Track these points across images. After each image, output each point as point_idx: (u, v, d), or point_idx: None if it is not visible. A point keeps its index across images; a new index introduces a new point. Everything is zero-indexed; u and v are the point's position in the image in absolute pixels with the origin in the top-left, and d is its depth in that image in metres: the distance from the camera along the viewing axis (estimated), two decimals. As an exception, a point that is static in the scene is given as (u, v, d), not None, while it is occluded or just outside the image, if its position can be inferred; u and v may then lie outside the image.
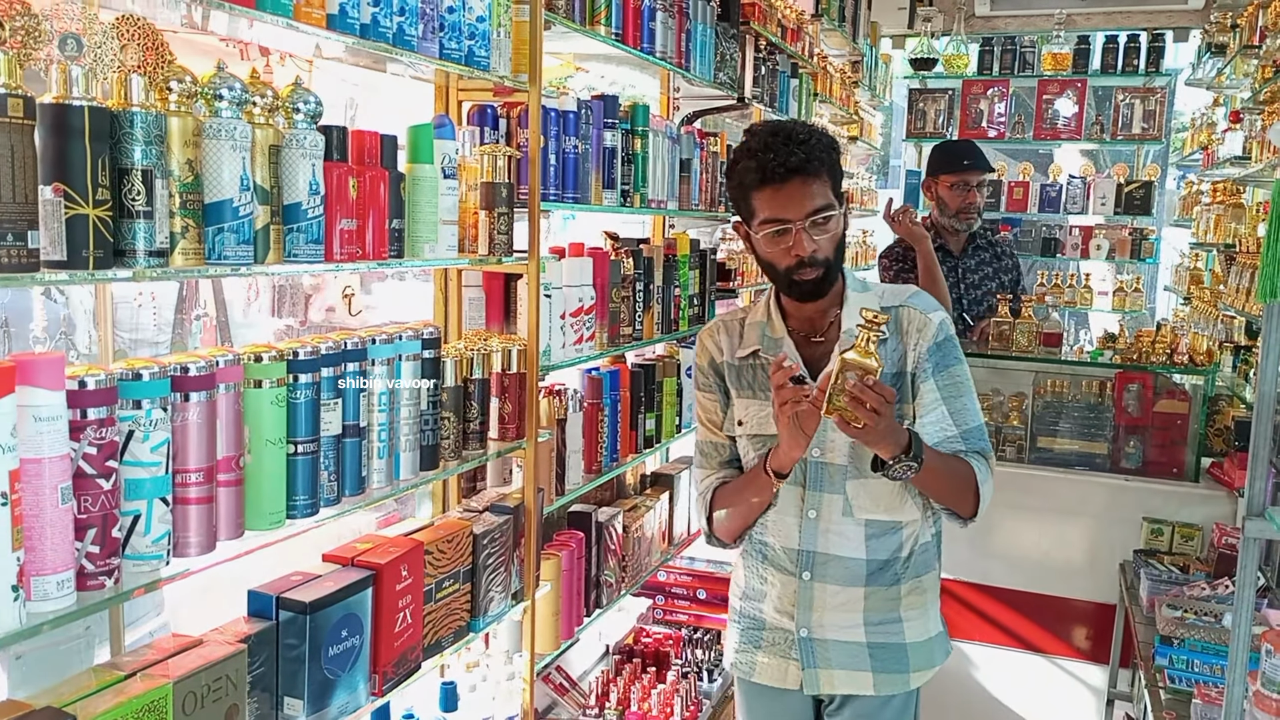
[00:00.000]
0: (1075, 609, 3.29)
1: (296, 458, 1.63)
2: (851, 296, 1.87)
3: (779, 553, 1.93)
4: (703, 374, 1.99)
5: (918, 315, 1.86)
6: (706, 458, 2.00)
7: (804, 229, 1.73)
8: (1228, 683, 1.86)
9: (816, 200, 1.74)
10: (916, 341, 1.84)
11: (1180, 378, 3.34)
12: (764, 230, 1.77)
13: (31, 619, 1.23)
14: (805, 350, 1.89)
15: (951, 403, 1.85)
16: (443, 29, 1.92)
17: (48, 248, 1.22)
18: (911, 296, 1.90)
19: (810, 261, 1.76)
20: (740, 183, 1.79)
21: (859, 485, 1.85)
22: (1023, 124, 6.10)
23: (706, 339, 2.00)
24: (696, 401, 2.00)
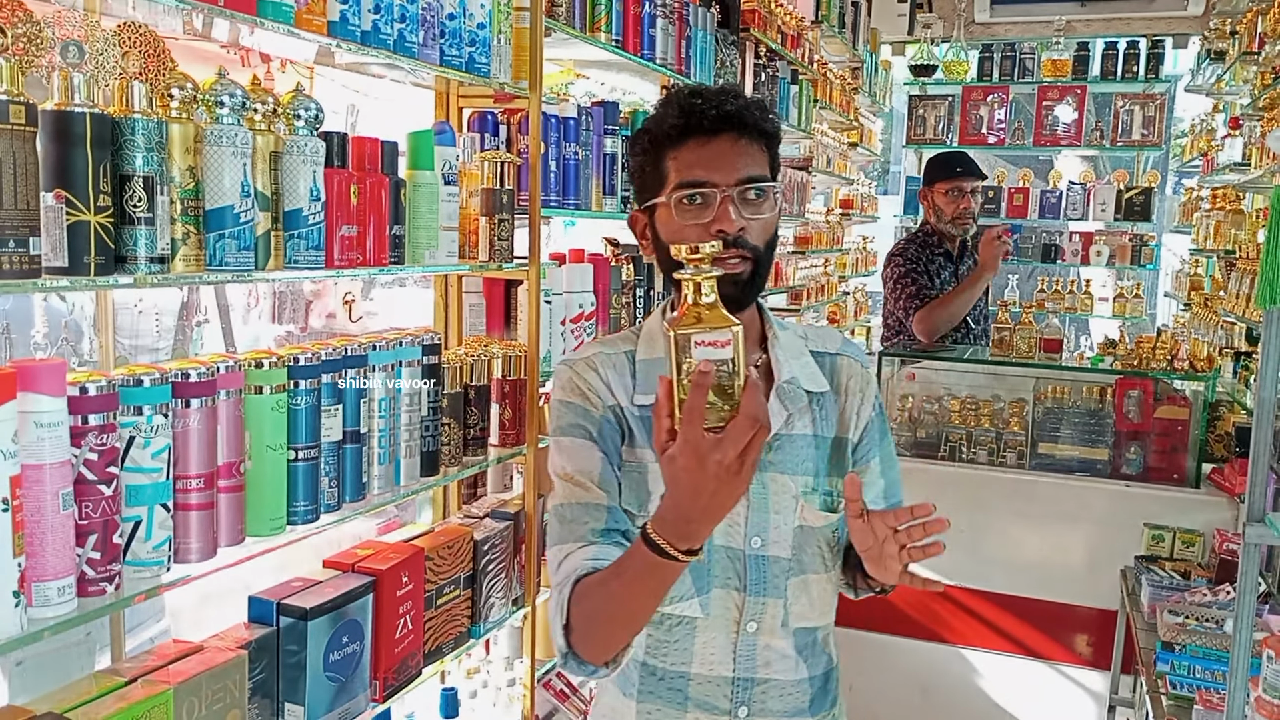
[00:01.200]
0: (1076, 615, 3.29)
1: (297, 464, 1.63)
2: (782, 336, 1.42)
3: (707, 686, 1.36)
4: (576, 415, 1.35)
5: (859, 370, 1.46)
6: (572, 525, 1.29)
7: (732, 198, 1.29)
8: (1229, 689, 1.86)
9: (750, 167, 1.31)
10: (860, 403, 1.44)
11: (1181, 384, 3.34)
12: (679, 195, 1.31)
13: (33, 625, 1.23)
14: None
15: (888, 475, 1.49)
16: (443, 36, 1.93)
17: (49, 254, 1.23)
18: (845, 344, 1.50)
19: (737, 242, 1.29)
20: (652, 140, 1.35)
21: (800, 584, 1.38)
22: (1022, 130, 6.11)
23: (586, 374, 1.38)
24: (553, 451, 1.36)
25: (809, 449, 1.38)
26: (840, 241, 6.48)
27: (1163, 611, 2.58)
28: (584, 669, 1.24)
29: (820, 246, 5.89)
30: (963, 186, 3.78)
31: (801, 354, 1.42)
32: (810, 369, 1.41)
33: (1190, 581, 2.84)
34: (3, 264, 1.16)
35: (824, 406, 1.41)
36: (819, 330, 1.52)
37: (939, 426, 3.54)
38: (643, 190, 1.38)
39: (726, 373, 0.99)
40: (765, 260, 1.34)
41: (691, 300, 1.03)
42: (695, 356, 0.99)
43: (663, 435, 1.04)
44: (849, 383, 1.45)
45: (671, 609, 1.33)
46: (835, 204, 6.74)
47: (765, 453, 1.32)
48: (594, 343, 1.44)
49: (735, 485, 1.04)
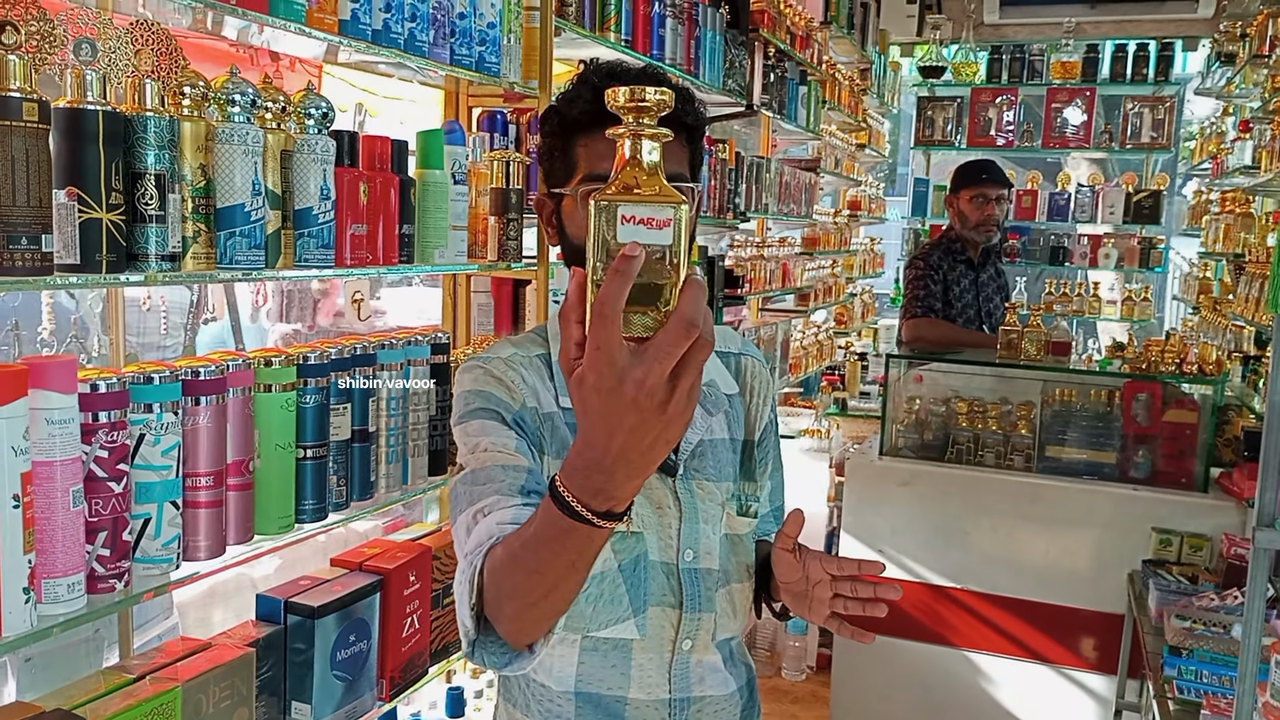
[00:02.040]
0: (1083, 619, 3.28)
1: (305, 462, 1.63)
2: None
3: (645, 711, 1.26)
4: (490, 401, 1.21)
5: (761, 370, 1.42)
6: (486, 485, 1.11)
7: None
8: (1237, 694, 1.85)
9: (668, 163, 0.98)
10: (762, 404, 1.40)
11: (1189, 387, 3.33)
12: (586, 189, 1.21)
13: (42, 621, 1.23)
14: None
15: (775, 477, 1.45)
16: (453, 35, 1.93)
17: (61, 251, 1.23)
18: (745, 343, 1.45)
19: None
20: (562, 122, 1.24)
21: (726, 595, 1.31)
22: (1031, 132, 6.09)
23: (507, 372, 1.24)
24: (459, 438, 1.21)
25: (728, 453, 1.34)
26: (848, 243, 6.47)
27: (1170, 616, 2.57)
28: (496, 659, 1.02)
29: (828, 248, 5.89)
30: (987, 194, 3.83)
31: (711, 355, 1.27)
32: (722, 371, 1.38)
33: (1198, 586, 2.83)
34: (15, 261, 1.16)
35: (734, 408, 1.37)
36: (719, 330, 1.41)
37: (946, 429, 3.53)
38: (550, 175, 1.29)
39: (661, 262, 0.71)
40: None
41: (627, 162, 0.74)
42: (621, 237, 0.71)
43: (571, 347, 0.76)
44: (753, 383, 1.40)
45: (607, 633, 1.22)
46: (843, 205, 6.73)
47: (691, 460, 1.27)
48: (503, 341, 1.32)
49: (662, 421, 0.74)
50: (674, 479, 1.27)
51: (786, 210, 4.59)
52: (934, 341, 3.76)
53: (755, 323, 4.51)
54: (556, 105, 1.26)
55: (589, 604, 1.21)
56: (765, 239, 4.55)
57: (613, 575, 1.21)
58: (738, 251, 4.16)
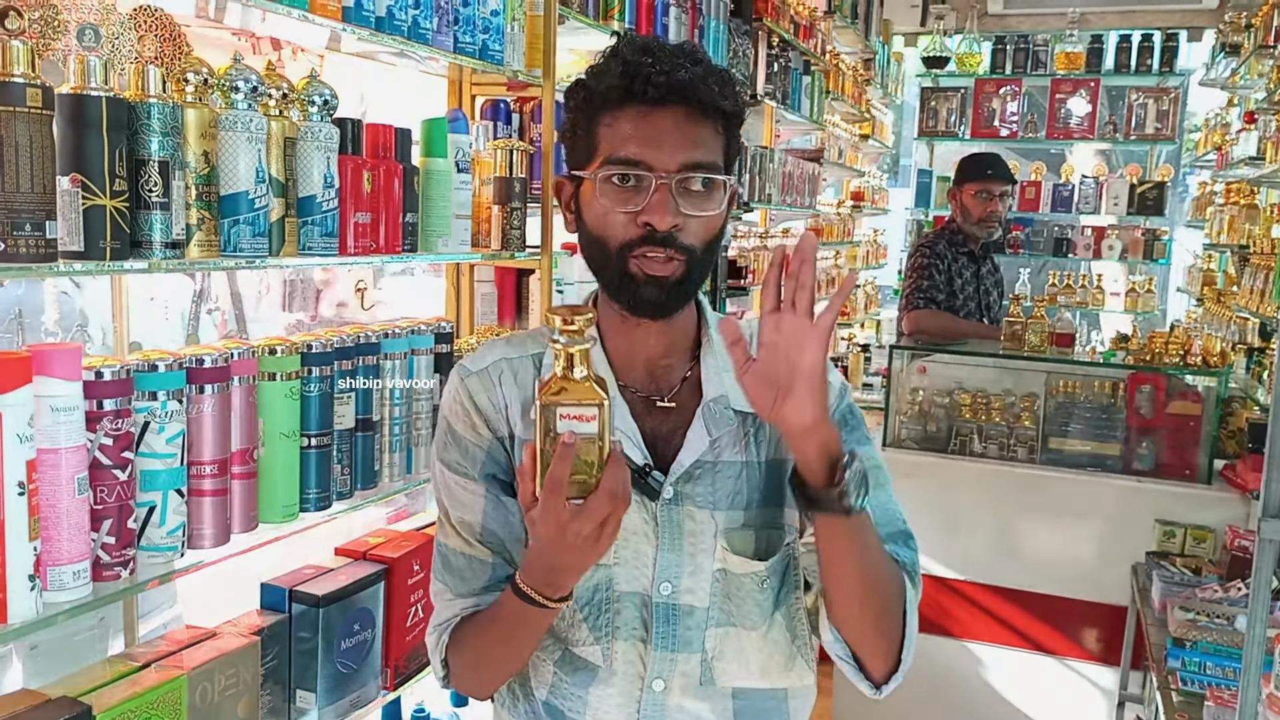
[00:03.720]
0: (1086, 610, 3.28)
1: (310, 451, 1.63)
2: (715, 340, 1.20)
3: None
4: (459, 448, 1.19)
5: None
6: (452, 572, 1.19)
7: (670, 186, 1.08)
8: (1241, 685, 1.85)
9: (698, 151, 1.09)
10: None
11: (1193, 379, 3.32)
12: (606, 174, 1.10)
13: (48, 609, 1.23)
14: (645, 420, 1.18)
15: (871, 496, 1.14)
16: (457, 22, 1.92)
17: (65, 238, 1.23)
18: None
19: (665, 239, 1.08)
20: (587, 99, 1.13)
21: (722, 637, 1.16)
22: (1035, 123, 6.08)
23: (478, 394, 1.19)
24: (435, 477, 1.22)
25: (739, 478, 1.16)
26: (851, 234, 6.46)
27: (1173, 607, 2.57)
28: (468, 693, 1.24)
29: (831, 239, 5.88)
30: (991, 189, 3.81)
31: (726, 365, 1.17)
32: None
33: (1201, 578, 2.83)
34: (20, 247, 1.15)
35: (760, 426, 1.18)
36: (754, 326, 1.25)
37: (950, 420, 3.53)
38: (571, 155, 1.17)
39: (590, 443, 0.96)
40: (702, 263, 1.12)
41: (561, 371, 0.98)
42: (559, 428, 0.96)
43: (527, 497, 0.99)
44: None
45: (578, 651, 1.17)
46: (846, 196, 6.72)
47: (682, 483, 1.14)
48: (498, 341, 1.24)
49: (594, 551, 1.00)
50: (655, 503, 1.14)
51: (790, 201, 4.58)
52: (935, 333, 3.76)
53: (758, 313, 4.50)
54: (584, 79, 1.14)
55: (558, 619, 1.17)
56: (769, 229, 4.54)
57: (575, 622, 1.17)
58: (741, 242, 4.16)
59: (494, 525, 1.18)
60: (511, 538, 1.18)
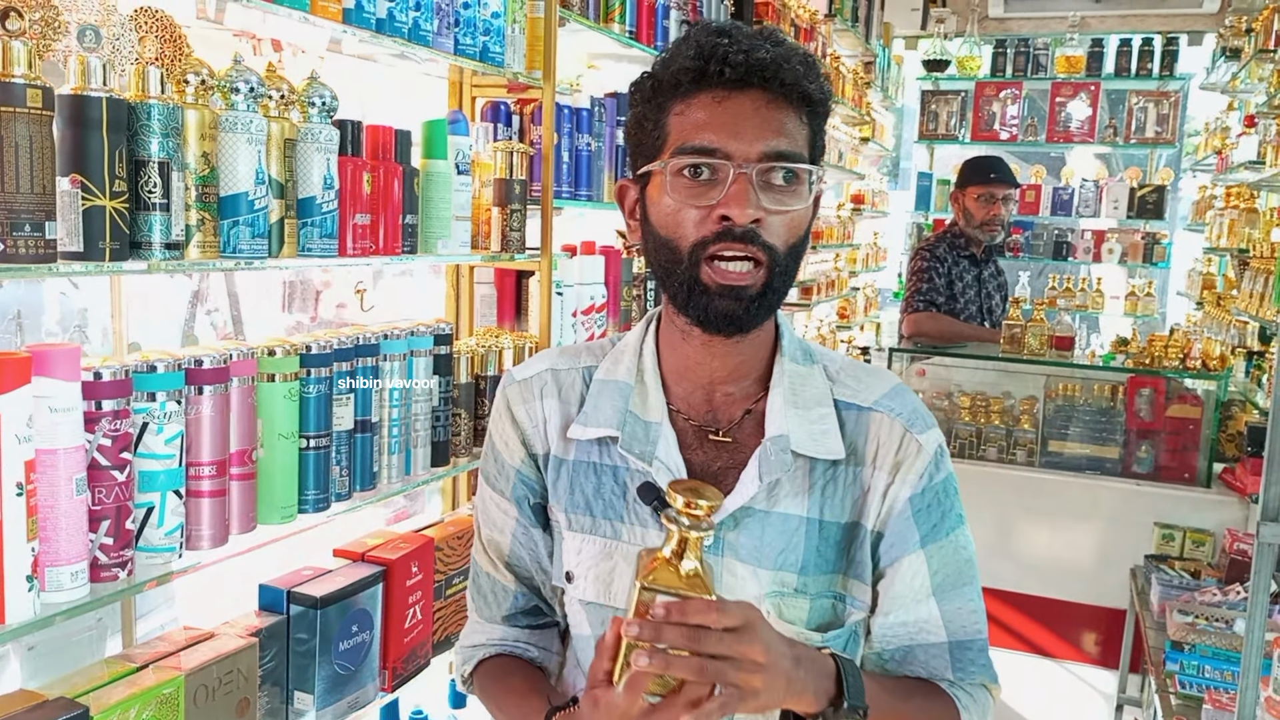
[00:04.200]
0: (1085, 614, 3.28)
1: (309, 452, 1.63)
2: (794, 373, 1.05)
3: None
4: (495, 461, 1.13)
5: (898, 433, 1.04)
6: (481, 593, 1.17)
7: (749, 177, 0.96)
8: (1240, 688, 1.85)
9: (781, 139, 0.97)
10: (891, 480, 1.04)
11: (1192, 383, 3.33)
12: (678, 164, 0.98)
13: (46, 609, 1.23)
14: (695, 453, 1.05)
15: (945, 595, 1.05)
16: (458, 24, 1.92)
17: (64, 239, 1.23)
18: (892, 395, 1.07)
19: (747, 236, 0.96)
20: (656, 87, 1.02)
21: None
22: (1035, 127, 6.08)
23: (516, 407, 1.12)
24: (478, 497, 1.17)
25: (796, 534, 1.01)
26: (851, 237, 6.47)
27: (1172, 611, 2.57)
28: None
29: (831, 241, 5.88)
30: (995, 193, 3.81)
31: (818, 402, 1.05)
32: (821, 425, 1.03)
33: (1200, 581, 2.83)
34: (19, 248, 1.15)
35: (835, 480, 1.03)
36: (861, 371, 1.10)
37: (949, 423, 3.53)
38: (637, 152, 1.05)
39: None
40: (786, 269, 0.99)
41: (670, 554, 0.85)
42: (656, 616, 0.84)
43: (599, 673, 0.86)
44: (877, 451, 1.04)
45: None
46: (846, 199, 6.72)
47: (725, 530, 1.01)
48: (552, 351, 1.16)
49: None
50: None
51: (790, 203, 4.58)
52: (935, 335, 3.76)
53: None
54: (653, 67, 1.04)
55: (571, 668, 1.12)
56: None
57: (584, 641, 1.08)
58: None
59: (521, 552, 1.13)
60: (538, 568, 1.13)
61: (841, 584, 1.04)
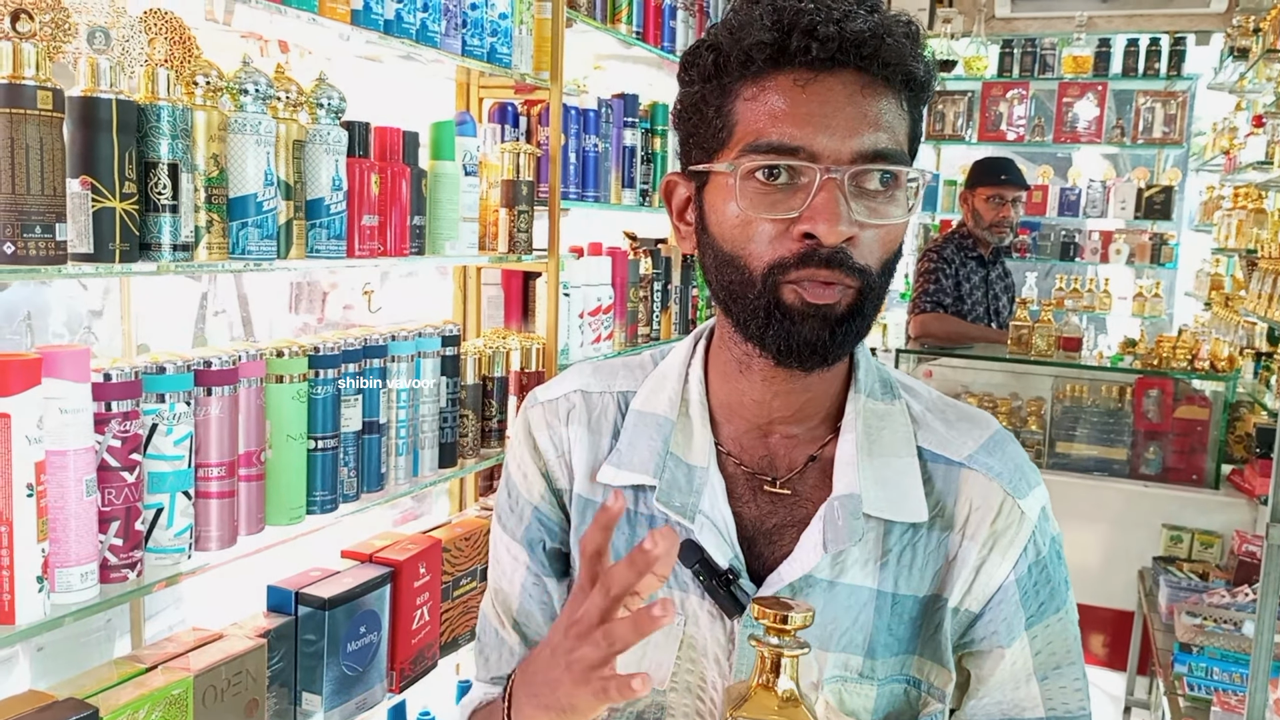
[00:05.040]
0: (1093, 615, 3.27)
1: (317, 453, 1.63)
2: (871, 414, 0.88)
3: None
4: (508, 496, 0.98)
5: (999, 495, 0.87)
6: (483, 650, 1.01)
7: (843, 184, 0.77)
8: (1249, 690, 1.84)
9: (880, 134, 0.78)
10: (989, 552, 0.87)
11: (1200, 384, 3.32)
12: (750, 166, 0.79)
13: (55, 610, 1.23)
14: (747, 505, 0.89)
15: (1050, 677, 0.89)
16: (465, 26, 1.92)
17: (74, 240, 1.23)
18: (988, 447, 0.89)
19: (838, 260, 0.78)
20: (719, 64, 0.81)
21: None
22: (1042, 127, 6.07)
23: (537, 422, 0.96)
24: (491, 542, 1.02)
25: (865, 610, 0.85)
26: (857, 237, 6.45)
27: (1180, 613, 2.56)
28: None
29: (837, 242, 5.87)
30: (1005, 195, 3.80)
31: (897, 451, 0.87)
32: (901, 480, 0.86)
33: (1208, 583, 2.82)
34: (30, 249, 1.16)
35: (915, 546, 0.86)
36: (956, 415, 0.91)
37: (956, 424, 3.52)
38: (692, 142, 0.85)
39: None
40: (879, 292, 0.81)
41: (762, 680, 0.75)
42: None
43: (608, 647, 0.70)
44: (970, 516, 0.86)
45: None
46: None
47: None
48: (584, 367, 0.99)
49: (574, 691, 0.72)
50: (735, 620, 0.85)
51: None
52: (942, 337, 3.75)
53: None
54: (712, 39, 0.82)
55: None
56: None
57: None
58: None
59: (532, 606, 0.96)
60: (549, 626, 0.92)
61: (915, 666, 0.87)
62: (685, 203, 0.88)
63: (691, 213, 0.87)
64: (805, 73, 0.78)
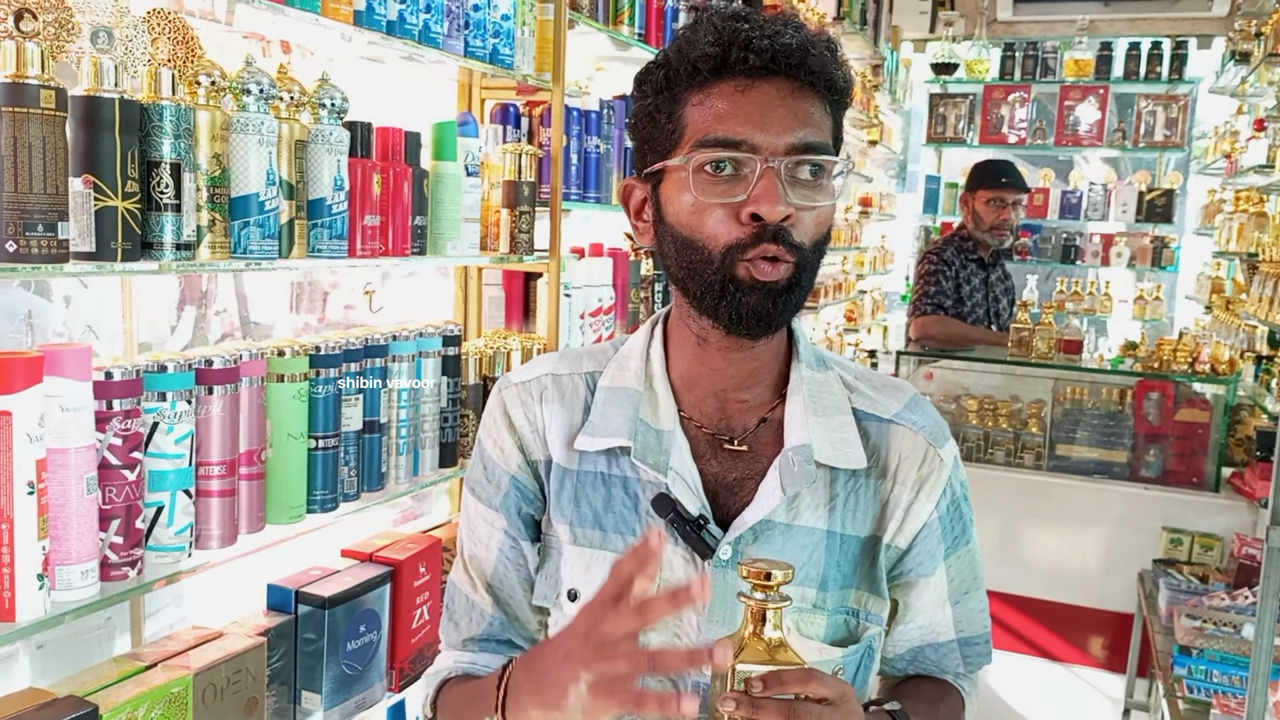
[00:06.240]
0: (1093, 618, 3.27)
1: (318, 453, 1.63)
2: (811, 380, 1.02)
3: None
4: (485, 469, 1.08)
5: (921, 448, 1.03)
6: (452, 617, 1.10)
7: (780, 172, 0.91)
8: (1249, 693, 1.84)
9: (809, 130, 0.93)
10: (915, 497, 1.02)
11: (1201, 387, 3.32)
12: (700, 159, 0.92)
13: (56, 608, 1.24)
14: (709, 462, 1.01)
15: (961, 601, 1.07)
16: (468, 27, 1.93)
17: (77, 239, 1.23)
18: (912, 407, 1.05)
19: (779, 237, 0.91)
20: (669, 78, 0.95)
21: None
22: (1044, 130, 6.07)
23: (514, 411, 1.07)
24: (463, 511, 1.11)
25: (816, 548, 0.98)
26: (858, 240, 6.46)
27: (1180, 615, 2.56)
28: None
29: (838, 244, 5.88)
30: (1005, 197, 3.81)
31: (836, 410, 1.02)
32: (842, 434, 1.00)
33: (1208, 585, 2.82)
34: (32, 248, 1.16)
35: (856, 492, 1.00)
36: (880, 381, 1.07)
37: (956, 426, 3.52)
38: (646, 148, 0.99)
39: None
40: (812, 266, 0.95)
41: (753, 630, 0.84)
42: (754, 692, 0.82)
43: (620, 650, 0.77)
44: (899, 465, 1.02)
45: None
46: (854, 202, 6.72)
47: (744, 544, 0.97)
48: (552, 356, 1.11)
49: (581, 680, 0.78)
50: (707, 562, 0.96)
51: (797, 206, 4.58)
52: (943, 339, 3.75)
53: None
54: (664, 55, 0.97)
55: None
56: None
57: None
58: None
59: (507, 569, 1.05)
60: (525, 587, 1.06)
61: (856, 599, 1.01)
62: (641, 202, 1.02)
63: (648, 210, 1.01)
64: (744, 80, 0.92)
